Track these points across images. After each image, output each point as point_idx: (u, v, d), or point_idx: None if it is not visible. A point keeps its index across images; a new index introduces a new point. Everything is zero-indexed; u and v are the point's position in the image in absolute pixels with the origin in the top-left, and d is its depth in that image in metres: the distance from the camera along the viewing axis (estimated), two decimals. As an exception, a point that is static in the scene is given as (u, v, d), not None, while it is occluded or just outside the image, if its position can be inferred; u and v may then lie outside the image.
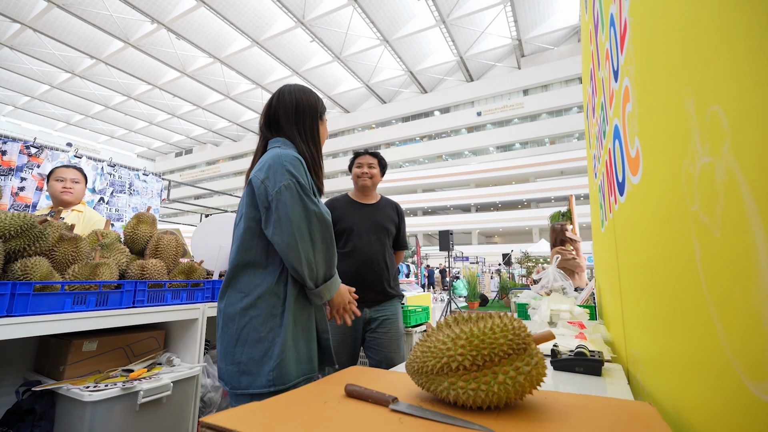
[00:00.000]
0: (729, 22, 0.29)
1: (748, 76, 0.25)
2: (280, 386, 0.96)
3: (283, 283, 1.04)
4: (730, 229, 0.30)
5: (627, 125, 0.72)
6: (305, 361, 1.04)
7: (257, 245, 1.05)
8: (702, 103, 0.34)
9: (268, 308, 1.01)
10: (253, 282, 1.03)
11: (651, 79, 0.53)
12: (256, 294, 1.02)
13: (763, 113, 0.24)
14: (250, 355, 0.98)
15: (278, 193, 0.99)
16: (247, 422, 0.50)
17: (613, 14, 0.80)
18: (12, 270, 1.24)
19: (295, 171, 1.02)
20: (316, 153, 1.16)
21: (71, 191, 2.14)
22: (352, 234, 1.92)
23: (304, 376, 1.03)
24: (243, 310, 1.01)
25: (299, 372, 1.02)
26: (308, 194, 1.02)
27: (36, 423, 1.23)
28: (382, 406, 0.57)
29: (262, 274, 1.04)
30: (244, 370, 0.98)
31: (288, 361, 0.98)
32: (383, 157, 2.11)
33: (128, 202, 4.66)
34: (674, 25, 0.42)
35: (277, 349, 0.98)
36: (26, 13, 18.42)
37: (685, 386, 0.51)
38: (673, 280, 0.50)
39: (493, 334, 0.56)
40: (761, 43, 0.24)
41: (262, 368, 0.97)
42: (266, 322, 1.00)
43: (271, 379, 0.96)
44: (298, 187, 1.00)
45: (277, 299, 1.02)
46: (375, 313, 1.91)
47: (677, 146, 0.42)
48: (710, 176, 0.33)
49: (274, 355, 0.97)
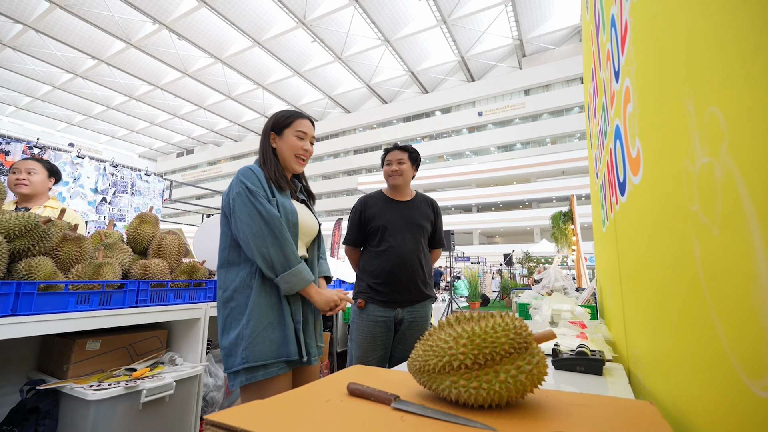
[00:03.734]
0: (725, 25, 0.29)
1: (743, 78, 0.26)
2: (252, 363, 1.12)
3: (252, 277, 1.20)
4: (729, 228, 0.30)
5: (628, 125, 0.73)
6: (277, 344, 1.18)
7: (230, 246, 1.24)
8: (701, 104, 0.34)
9: (243, 299, 1.18)
10: (229, 278, 1.21)
11: (652, 79, 0.54)
12: (232, 288, 1.19)
13: (759, 115, 0.25)
14: (230, 339, 1.16)
15: (233, 199, 1.20)
16: (251, 419, 0.51)
17: (614, 15, 0.80)
18: (16, 270, 1.25)
19: (245, 179, 1.21)
20: (269, 161, 1.32)
21: (26, 183, 2.00)
22: (386, 232, 1.86)
23: (278, 358, 1.17)
24: (225, 303, 1.19)
25: (272, 354, 1.16)
26: (256, 197, 1.19)
27: (40, 422, 1.24)
28: (385, 405, 0.58)
29: (236, 270, 1.21)
30: (228, 353, 1.16)
31: (258, 343, 1.14)
32: (415, 149, 1.99)
33: (130, 202, 4.67)
34: (674, 26, 0.42)
35: (248, 332, 1.14)
36: (28, 14, 18.49)
37: (686, 385, 0.51)
38: (674, 279, 0.50)
39: (495, 333, 0.56)
40: (756, 48, 0.25)
41: (237, 349, 1.14)
42: (243, 312, 1.17)
43: (244, 357, 1.13)
44: (247, 192, 1.19)
45: (249, 290, 1.18)
46: (407, 314, 1.85)
47: (677, 146, 0.43)
48: (709, 176, 0.33)
49: (245, 337, 1.14)
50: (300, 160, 1.35)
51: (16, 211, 1.30)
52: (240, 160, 37.21)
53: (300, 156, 1.35)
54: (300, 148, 1.34)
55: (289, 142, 1.33)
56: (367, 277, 1.89)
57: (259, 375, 1.14)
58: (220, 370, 1.85)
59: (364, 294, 1.87)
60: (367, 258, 1.91)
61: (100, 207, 4.36)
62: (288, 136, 1.33)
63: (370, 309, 1.83)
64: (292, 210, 1.26)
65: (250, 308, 1.16)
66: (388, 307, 1.83)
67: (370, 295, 1.85)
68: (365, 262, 1.92)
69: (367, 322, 1.82)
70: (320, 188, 32.94)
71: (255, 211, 1.17)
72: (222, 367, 1.92)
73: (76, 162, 4.19)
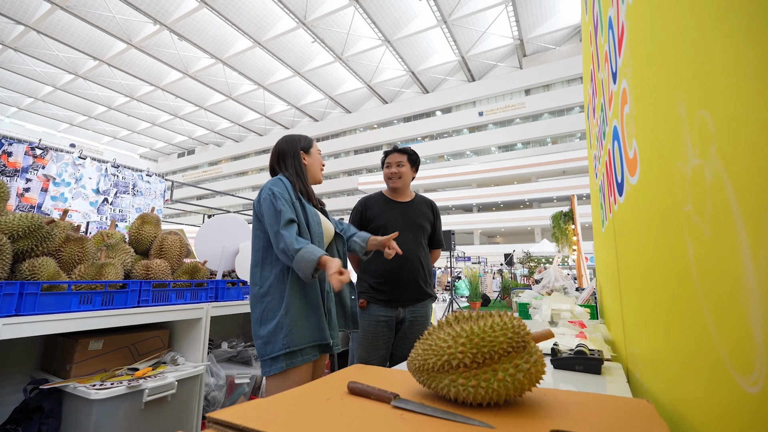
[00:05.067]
0: (713, 31, 0.30)
1: (729, 83, 0.27)
2: (293, 347, 1.28)
3: (286, 274, 1.35)
4: (719, 228, 0.31)
5: (625, 127, 0.74)
6: (314, 330, 1.34)
7: (263, 248, 1.39)
8: (692, 107, 0.35)
9: (278, 293, 1.33)
10: (264, 275, 1.37)
11: (647, 81, 0.54)
12: (268, 284, 1.35)
13: (743, 119, 0.25)
14: (268, 329, 1.30)
15: (261, 202, 1.38)
16: (252, 417, 0.52)
17: (611, 17, 0.81)
18: (20, 270, 1.26)
19: (272, 186, 1.39)
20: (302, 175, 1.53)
21: None
22: (387, 232, 1.86)
23: (315, 342, 1.33)
24: (261, 298, 1.34)
25: (310, 339, 1.32)
26: (278, 198, 1.35)
27: (43, 420, 1.25)
28: (384, 403, 0.59)
29: (270, 267, 1.37)
30: (267, 341, 1.29)
31: (296, 330, 1.29)
32: (414, 151, 2.03)
33: (132, 202, 4.69)
34: (666, 30, 0.43)
35: (287, 321, 1.29)
36: (30, 15, 18.53)
37: (681, 382, 0.52)
38: (669, 278, 0.51)
39: (493, 333, 0.57)
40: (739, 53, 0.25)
41: (277, 337, 1.28)
42: (279, 304, 1.31)
43: (286, 343, 1.27)
44: (271, 195, 1.36)
45: (284, 286, 1.34)
46: (408, 313, 1.87)
47: (671, 148, 0.44)
48: (700, 178, 0.34)
49: (285, 325, 1.28)
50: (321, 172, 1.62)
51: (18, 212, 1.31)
52: (241, 160, 37.25)
53: (322, 168, 1.63)
54: (321, 162, 1.62)
55: (316, 158, 1.59)
56: (368, 277, 1.90)
57: (298, 360, 1.28)
58: (222, 370, 1.86)
59: (365, 294, 1.88)
60: (368, 258, 1.92)
61: (102, 208, 4.38)
62: (314, 154, 1.59)
63: (372, 309, 1.84)
64: (317, 220, 1.46)
65: (287, 300, 1.31)
66: (390, 306, 1.84)
67: (372, 295, 1.86)
68: (366, 263, 1.93)
69: (369, 322, 1.83)
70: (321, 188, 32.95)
71: (276, 212, 1.33)
72: (223, 367, 1.93)
73: (78, 163, 4.20)
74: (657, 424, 0.50)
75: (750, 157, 0.24)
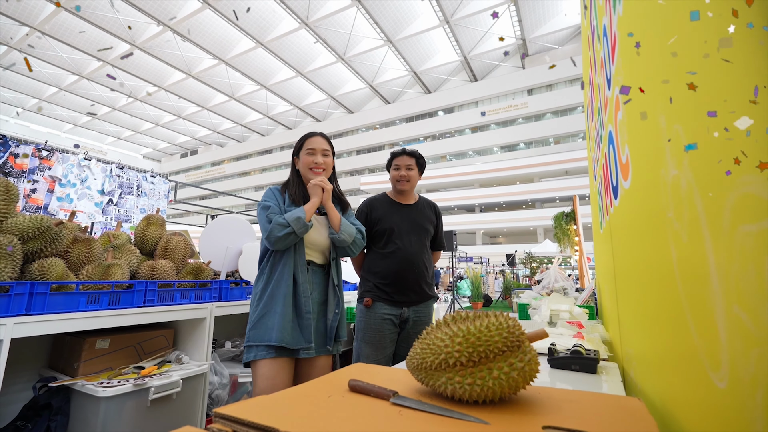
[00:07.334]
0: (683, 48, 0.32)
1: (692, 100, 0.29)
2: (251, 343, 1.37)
3: (264, 280, 1.46)
4: (693, 235, 0.33)
5: (619, 132, 0.76)
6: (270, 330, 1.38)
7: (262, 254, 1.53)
8: (670, 120, 0.37)
9: (259, 291, 1.45)
10: (258, 279, 1.50)
11: (634, 91, 0.56)
12: (258, 287, 1.47)
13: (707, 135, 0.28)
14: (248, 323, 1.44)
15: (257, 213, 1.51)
16: (257, 412, 0.54)
17: (606, 26, 0.83)
18: (30, 270, 1.29)
19: (264, 197, 1.51)
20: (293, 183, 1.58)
21: None
22: (393, 234, 1.91)
23: (268, 342, 1.36)
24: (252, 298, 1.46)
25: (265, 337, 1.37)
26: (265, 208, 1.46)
27: (52, 417, 1.28)
28: (384, 400, 0.61)
29: (260, 273, 1.50)
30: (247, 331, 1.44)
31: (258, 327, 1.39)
32: (422, 155, 2.05)
33: (136, 203, 4.73)
34: (647, 43, 0.45)
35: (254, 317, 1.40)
36: (35, 17, 18.66)
37: (669, 381, 0.54)
38: (658, 280, 0.53)
39: (489, 332, 0.59)
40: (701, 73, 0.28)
41: (248, 330, 1.41)
42: (257, 302, 1.43)
43: (249, 337, 1.39)
44: (260, 208, 1.48)
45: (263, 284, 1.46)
46: (412, 313, 1.90)
47: (656, 156, 0.46)
48: (677, 187, 0.36)
49: (251, 321, 1.41)
50: (316, 172, 1.52)
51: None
52: (243, 160, 37.35)
53: (314, 169, 1.52)
54: (311, 163, 1.51)
55: (304, 161, 1.55)
56: (372, 277, 1.91)
57: (256, 355, 1.35)
58: (225, 368, 1.89)
59: (371, 293, 1.89)
60: (372, 259, 1.94)
61: (107, 208, 4.42)
62: (302, 157, 1.55)
63: (378, 306, 1.86)
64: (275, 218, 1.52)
65: (260, 298, 1.43)
66: (395, 305, 1.86)
67: (377, 293, 1.87)
68: (370, 264, 1.94)
69: (375, 320, 1.85)
70: (323, 188, 32.88)
71: (266, 219, 1.44)
72: (227, 366, 1.96)
73: (83, 164, 4.25)
74: (646, 421, 0.52)
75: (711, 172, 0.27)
